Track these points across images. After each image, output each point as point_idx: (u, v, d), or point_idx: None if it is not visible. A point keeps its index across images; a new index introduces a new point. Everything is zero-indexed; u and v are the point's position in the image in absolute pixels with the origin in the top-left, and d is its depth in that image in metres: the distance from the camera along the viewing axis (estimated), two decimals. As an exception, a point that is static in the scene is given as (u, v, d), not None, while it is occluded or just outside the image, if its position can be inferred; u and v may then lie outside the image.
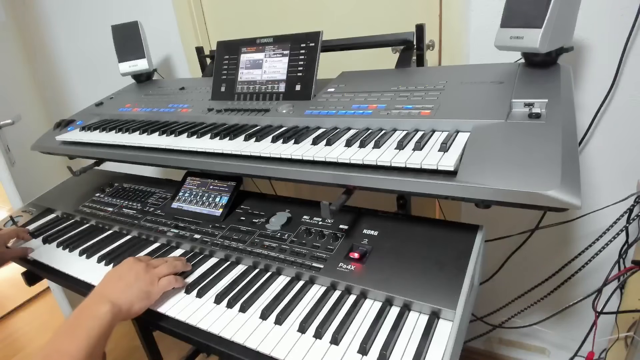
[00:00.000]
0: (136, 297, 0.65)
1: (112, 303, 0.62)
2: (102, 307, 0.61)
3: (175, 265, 0.73)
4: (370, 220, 0.77)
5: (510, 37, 0.74)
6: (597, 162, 1.07)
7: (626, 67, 0.96)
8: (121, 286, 0.65)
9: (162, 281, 0.69)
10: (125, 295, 0.64)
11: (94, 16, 1.69)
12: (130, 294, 0.65)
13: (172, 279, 0.70)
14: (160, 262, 0.73)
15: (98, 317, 0.59)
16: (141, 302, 0.65)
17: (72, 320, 0.59)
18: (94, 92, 1.56)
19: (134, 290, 0.65)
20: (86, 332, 0.57)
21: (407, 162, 0.59)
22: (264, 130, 0.81)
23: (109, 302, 0.62)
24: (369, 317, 0.61)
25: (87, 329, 0.57)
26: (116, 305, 0.62)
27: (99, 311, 0.60)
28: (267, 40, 0.94)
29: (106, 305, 0.61)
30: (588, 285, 1.16)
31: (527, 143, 0.57)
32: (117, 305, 0.62)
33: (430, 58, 1.17)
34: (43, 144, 1.13)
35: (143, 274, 0.67)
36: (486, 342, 1.46)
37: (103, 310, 0.60)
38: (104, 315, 0.60)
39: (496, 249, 1.23)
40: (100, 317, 0.59)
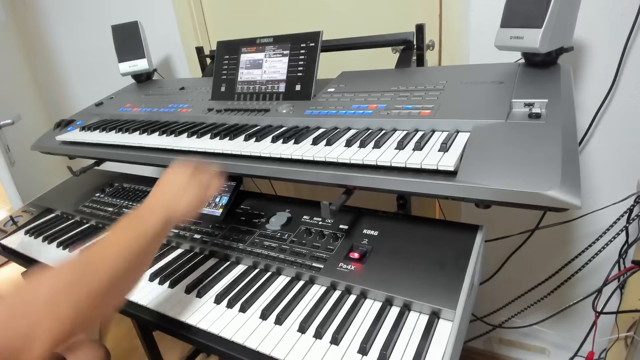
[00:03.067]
0: (188, 204, 0.63)
1: (166, 208, 0.61)
2: (154, 213, 0.60)
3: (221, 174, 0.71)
4: (370, 220, 0.77)
5: (510, 37, 0.74)
6: (597, 162, 1.07)
7: (626, 67, 0.96)
8: (174, 194, 0.63)
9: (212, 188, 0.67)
10: (178, 203, 0.63)
11: (94, 16, 1.69)
12: (182, 201, 0.63)
13: (218, 184, 0.69)
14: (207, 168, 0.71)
15: (149, 222, 0.59)
16: (193, 209, 0.64)
17: (122, 224, 0.59)
18: (94, 92, 1.55)
19: (186, 198, 0.63)
20: (131, 238, 0.56)
21: (407, 162, 0.59)
22: (264, 130, 0.81)
23: (160, 208, 0.61)
24: (369, 317, 0.61)
25: (133, 235, 0.57)
26: (170, 210, 0.61)
27: (151, 217, 0.59)
28: (267, 40, 0.94)
29: (157, 212, 0.60)
30: (588, 285, 1.16)
31: (527, 143, 0.57)
32: (172, 211, 0.61)
33: (430, 58, 1.17)
34: (43, 144, 1.13)
35: (193, 181, 0.66)
36: (486, 342, 1.46)
37: (154, 217, 0.59)
38: (156, 219, 0.59)
39: (496, 249, 1.23)
40: (151, 223, 0.59)
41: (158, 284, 0.76)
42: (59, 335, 0.46)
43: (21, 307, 0.45)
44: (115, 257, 0.53)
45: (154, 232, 0.58)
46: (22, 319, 0.44)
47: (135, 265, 0.56)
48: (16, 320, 0.43)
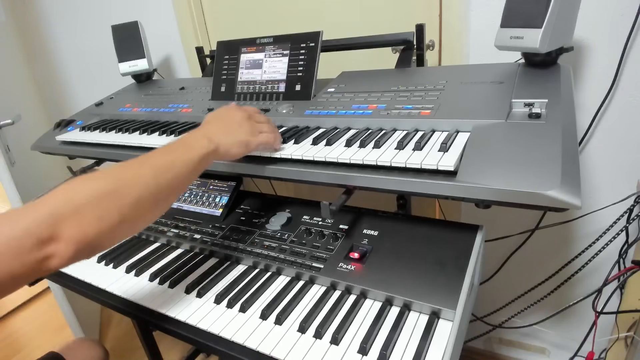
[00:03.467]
0: (235, 143, 0.63)
1: (210, 139, 0.61)
2: (200, 140, 0.60)
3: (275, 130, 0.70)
4: (370, 220, 0.77)
5: (510, 37, 0.74)
6: (597, 162, 1.07)
7: (626, 67, 0.96)
8: (223, 129, 0.64)
9: (262, 135, 0.67)
10: (225, 138, 0.62)
11: (94, 16, 1.69)
12: (230, 137, 0.63)
13: (270, 137, 0.68)
14: (264, 119, 0.71)
15: (192, 148, 0.58)
16: (239, 148, 0.64)
17: (166, 147, 0.58)
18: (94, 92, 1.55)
19: (235, 136, 0.64)
20: (170, 160, 0.56)
21: (407, 162, 0.59)
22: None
23: (207, 138, 0.60)
24: (369, 317, 0.61)
25: (172, 158, 0.56)
26: (214, 143, 0.61)
27: (195, 143, 0.59)
28: (267, 40, 0.94)
29: (204, 140, 0.60)
30: (588, 285, 1.16)
31: (527, 143, 0.57)
32: (215, 144, 0.61)
33: (430, 58, 1.17)
34: (43, 144, 1.13)
35: (246, 122, 0.66)
36: (486, 342, 1.46)
37: (199, 144, 0.59)
38: (199, 147, 0.59)
39: (496, 249, 1.23)
40: (195, 149, 0.58)
41: (158, 284, 0.76)
42: (82, 246, 0.46)
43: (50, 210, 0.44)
44: (150, 176, 0.53)
45: (193, 160, 0.58)
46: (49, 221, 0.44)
47: (167, 188, 0.55)
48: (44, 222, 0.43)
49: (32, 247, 0.42)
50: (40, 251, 0.43)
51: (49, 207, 0.45)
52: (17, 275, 0.42)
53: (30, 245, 0.42)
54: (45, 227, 0.43)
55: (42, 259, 0.44)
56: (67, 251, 0.45)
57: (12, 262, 0.41)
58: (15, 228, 0.42)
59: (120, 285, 0.78)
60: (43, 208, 0.45)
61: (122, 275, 0.81)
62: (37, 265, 0.43)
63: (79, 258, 0.47)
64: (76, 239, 0.45)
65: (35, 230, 0.43)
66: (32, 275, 0.44)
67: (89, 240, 0.47)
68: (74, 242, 0.45)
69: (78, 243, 0.45)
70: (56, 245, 0.44)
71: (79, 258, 0.47)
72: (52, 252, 0.44)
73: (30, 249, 0.42)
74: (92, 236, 0.47)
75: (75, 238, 0.45)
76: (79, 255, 0.46)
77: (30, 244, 0.42)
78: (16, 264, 0.42)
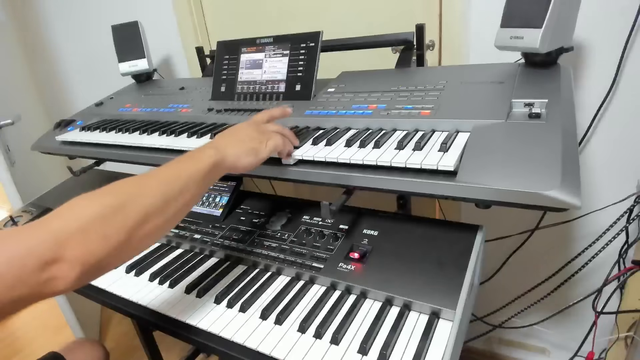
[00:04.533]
0: (243, 151, 0.62)
1: (217, 150, 0.60)
2: (207, 151, 0.59)
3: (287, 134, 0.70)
4: (370, 220, 0.77)
5: (510, 37, 0.74)
6: (597, 162, 1.07)
7: (626, 67, 0.96)
8: (231, 140, 0.63)
9: (271, 142, 0.66)
10: (233, 148, 0.62)
11: (94, 16, 1.69)
12: (238, 147, 0.62)
13: (279, 141, 0.66)
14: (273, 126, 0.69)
15: (199, 159, 0.58)
16: (248, 157, 0.63)
17: (173, 161, 0.58)
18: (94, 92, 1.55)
19: (243, 145, 0.63)
20: (177, 172, 0.55)
21: (407, 162, 0.59)
22: (264, 130, 0.81)
23: (214, 149, 0.60)
24: (369, 317, 0.61)
25: (178, 170, 0.56)
26: (221, 153, 0.60)
27: (202, 154, 0.59)
28: (267, 40, 0.94)
29: (210, 150, 0.59)
30: (588, 285, 1.16)
31: (527, 143, 0.57)
32: (222, 154, 0.60)
33: (430, 58, 1.17)
34: (43, 144, 1.13)
35: (253, 131, 0.65)
36: (486, 342, 1.46)
37: (206, 154, 0.59)
38: (206, 158, 0.58)
39: (496, 249, 1.23)
40: (202, 160, 0.58)
41: (158, 284, 0.76)
42: (88, 267, 0.44)
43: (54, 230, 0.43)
44: (156, 190, 0.52)
45: (200, 171, 0.57)
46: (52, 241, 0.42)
47: (175, 202, 0.53)
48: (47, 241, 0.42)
49: (35, 268, 0.41)
50: (43, 273, 0.41)
51: (52, 227, 0.43)
52: (20, 298, 0.41)
53: (33, 267, 0.40)
54: (49, 247, 0.42)
55: (45, 281, 0.42)
56: (71, 273, 0.43)
57: (14, 284, 0.40)
58: (19, 248, 0.41)
59: (120, 286, 0.78)
60: (47, 227, 0.43)
61: (122, 276, 0.81)
62: (40, 288, 0.42)
63: (84, 280, 0.45)
64: (81, 260, 0.43)
65: (38, 251, 0.41)
66: (35, 297, 0.42)
67: (95, 260, 0.45)
68: (79, 263, 0.43)
69: (83, 264, 0.44)
70: (60, 267, 0.42)
71: (84, 280, 0.45)
72: (55, 274, 0.42)
73: (33, 270, 0.41)
74: (98, 256, 0.45)
75: (80, 259, 0.43)
76: (84, 277, 0.44)
77: (33, 265, 0.40)
78: (18, 286, 0.40)
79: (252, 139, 0.64)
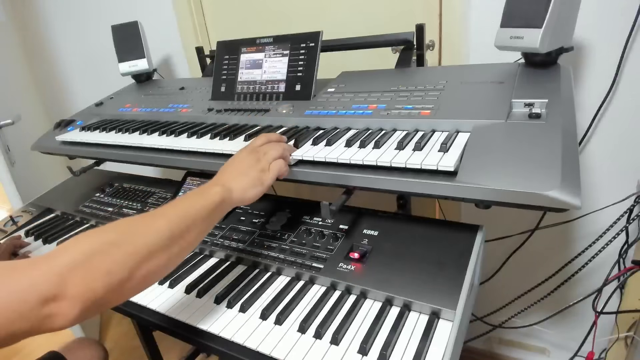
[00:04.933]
0: (249, 184, 0.64)
1: (223, 186, 0.61)
2: (213, 187, 0.61)
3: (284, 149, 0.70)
4: (370, 220, 0.77)
5: (510, 37, 0.74)
6: (597, 162, 1.07)
7: (626, 67, 0.96)
8: (234, 173, 0.65)
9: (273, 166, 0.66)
10: (237, 182, 0.63)
11: (94, 16, 1.69)
12: (243, 180, 0.64)
13: (282, 166, 0.68)
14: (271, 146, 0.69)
15: (206, 196, 0.59)
16: (254, 188, 0.64)
17: (179, 198, 0.59)
18: (94, 92, 1.55)
19: (247, 177, 0.64)
20: (183, 209, 0.56)
21: (407, 162, 0.59)
22: (264, 131, 0.81)
23: (219, 185, 0.61)
24: (369, 317, 0.61)
25: (185, 207, 0.56)
26: (227, 189, 0.61)
27: (209, 190, 0.60)
28: (267, 40, 0.94)
29: (217, 187, 0.61)
30: (588, 285, 1.16)
31: (527, 143, 0.57)
32: (229, 189, 0.62)
33: (430, 58, 1.17)
34: (43, 144, 1.13)
35: (255, 162, 0.66)
36: (486, 342, 1.46)
37: (213, 191, 0.60)
38: (213, 194, 0.59)
39: (496, 249, 1.23)
40: (209, 196, 0.59)
41: (158, 284, 0.76)
42: (89, 304, 0.43)
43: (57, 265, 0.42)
44: (162, 226, 0.52)
45: (207, 208, 0.57)
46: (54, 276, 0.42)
47: (181, 239, 0.53)
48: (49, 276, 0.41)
49: (35, 304, 0.40)
50: (43, 309, 0.41)
51: (56, 262, 0.43)
52: (17, 331, 0.40)
53: (33, 302, 0.40)
54: (51, 284, 0.41)
55: (45, 317, 0.41)
56: (72, 311, 0.42)
57: (13, 318, 0.39)
58: (22, 282, 0.40)
59: (120, 286, 0.78)
60: (51, 262, 0.43)
61: (122, 276, 0.81)
62: (39, 323, 0.41)
63: (84, 317, 0.44)
64: (82, 297, 0.43)
65: (40, 287, 0.40)
66: (33, 332, 0.42)
67: (96, 297, 0.44)
68: (80, 300, 0.42)
69: (84, 301, 0.43)
70: (61, 304, 0.41)
71: (84, 317, 0.44)
72: (56, 311, 0.41)
73: (34, 306, 0.40)
74: (100, 293, 0.44)
75: (81, 296, 0.42)
76: (84, 314, 0.44)
77: (34, 300, 0.40)
78: (17, 321, 0.40)
79: (254, 168, 0.65)
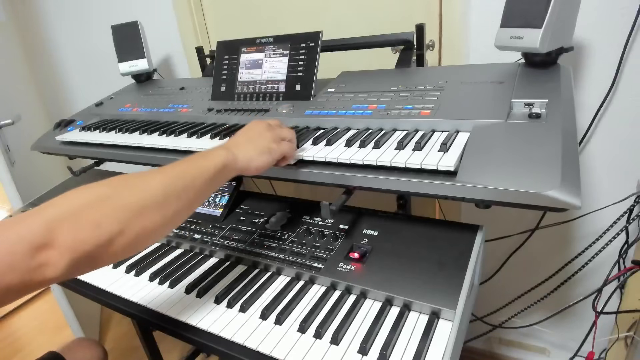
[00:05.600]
0: (256, 152, 0.61)
1: (228, 150, 0.59)
2: (218, 151, 0.59)
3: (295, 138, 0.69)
4: (370, 220, 0.77)
5: (510, 37, 0.74)
6: (597, 162, 1.07)
7: (626, 67, 0.96)
8: (242, 140, 0.63)
9: (284, 144, 0.65)
10: (245, 148, 0.61)
11: (94, 16, 1.69)
12: (250, 147, 0.62)
13: (291, 148, 0.66)
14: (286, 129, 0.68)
15: (209, 158, 0.57)
16: (261, 156, 0.62)
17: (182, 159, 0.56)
18: (94, 92, 1.55)
19: (256, 145, 0.62)
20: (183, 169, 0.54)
21: (407, 162, 0.59)
22: (264, 130, 0.81)
23: (225, 149, 0.59)
24: (369, 317, 0.61)
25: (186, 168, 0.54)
26: (232, 153, 0.59)
27: (213, 153, 0.58)
28: (267, 40, 0.94)
29: (222, 150, 0.59)
30: (588, 285, 1.16)
31: (527, 143, 0.57)
32: (233, 154, 0.59)
33: (430, 58, 1.17)
34: (43, 144, 1.13)
35: (267, 131, 0.64)
36: (486, 342, 1.46)
37: (217, 153, 0.58)
38: (216, 156, 0.57)
39: (496, 249, 1.23)
40: (211, 159, 0.57)
41: (158, 284, 0.76)
42: (78, 255, 0.43)
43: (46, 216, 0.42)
44: (157, 184, 0.50)
45: (208, 169, 0.56)
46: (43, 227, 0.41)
47: (177, 199, 0.51)
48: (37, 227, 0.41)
49: (25, 254, 0.40)
50: (33, 259, 0.41)
51: (44, 214, 0.43)
52: (10, 286, 0.40)
53: (23, 252, 0.40)
54: (39, 233, 0.41)
55: (35, 267, 0.41)
56: (61, 260, 0.42)
57: (3, 270, 0.39)
58: (9, 235, 0.41)
59: (120, 285, 0.78)
60: (39, 214, 0.43)
61: (122, 275, 0.81)
62: (31, 275, 0.41)
63: (74, 270, 0.44)
64: (72, 247, 0.42)
65: (28, 237, 0.41)
66: (26, 285, 0.41)
67: (85, 249, 0.43)
68: (69, 250, 0.42)
69: (73, 251, 0.43)
70: (50, 253, 0.41)
71: (74, 270, 0.44)
72: (45, 260, 0.41)
73: (23, 256, 0.40)
74: (89, 245, 0.44)
75: (70, 246, 0.42)
76: (74, 267, 0.43)
77: (23, 251, 0.40)
78: (8, 273, 0.40)
79: (266, 138, 0.63)
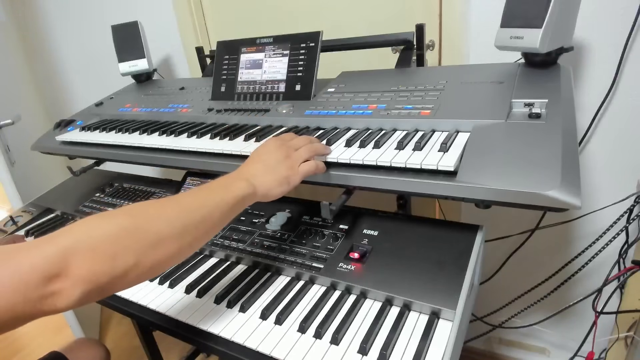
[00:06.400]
0: (275, 182, 0.60)
1: (247, 181, 0.58)
2: (237, 182, 0.57)
3: (317, 149, 0.66)
4: (370, 220, 0.77)
5: (510, 37, 0.74)
6: (597, 162, 1.07)
7: (626, 67, 0.96)
8: (260, 169, 0.61)
9: (302, 167, 0.63)
10: (263, 179, 0.60)
11: (94, 16, 1.69)
12: (269, 178, 0.60)
13: (312, 165, 0.64)
14: (302, 142, 0.66)
15: (228, 189, 0.56)
16: (280, 187, 0.61)
17: (200, 187, 0.55)
18: (94, 92, 1.56)
19: (274, 174, 0.61)
20: (203, 201, 0.53)
21: (407, 162, 0.59)
22: (264, 131, 0.81)
23: (244, 180, 0.58)
24: (369, 317, 0.61)
25: (204, 199, 0.53)
26: (251, 185, 0.58)
27: (233, 185, 0.57)
28: (267, 40, 0.94)
29: (241, 182, 0.57)
30: (588, 285, 1.16)
31: (527, 143, 0.57)
32: (253, 186, 0.58)
33: (430, 58, 1.17)
34: (43, 144, 1.13)
35: (283, 159, 0.62)
36: (486, 342, 1.46)
37: (237, 185, 0.57)
38: (236, 189, 0.56)
39: (496, 249, 1.23)
40: (231, 190, 0.56)
41: (158, 284, 0.76)
42: (91, 286, 0.42)
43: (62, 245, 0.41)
44: (175, 215, 0.50)
45: (227, 202, 0.55)
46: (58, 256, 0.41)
47: (194, 230, 0.51)
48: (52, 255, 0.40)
49: (37, 283, 0.39)
50: (45, 288, 0.40)
51: (60, 242, 0.42)
52: (19, 312, 0.39)
53: (36, 282, 0.39)
54: (54, 262, 0.40)
55: (46, 296, 0.40)
56: (74, 291, 0.41)
57: (14, 297, 0.38)
58: (23, 261, 0.40)
59: (120, 285, 0.78)
60: (54, 242, 0.42)
61: (122, 275, 0.81)
62: (41, 303, 0.40)
63: (86, 300, 0.43)
64: (85, 278, 0.42)
65: (42, 265, 0.40)
66: (34, 313, 0.41)
67: (99, 281, 0.43)
68: (83, 281, 0.42)
69: (87, 283, 0.42)
70: (63, 283, 0.41)
71: (86, 300, 0.43)
72: (57, 290, 0.40)
73: (36, 286, 0.39)
74: (103, 277, 0.43)
75: (84, 277, 0.42)
76: (86, 297, 0.43)
77: (36, 279, 0.39)
78: (19, 300, 0.39)
79: (284, 166, 0.62)
